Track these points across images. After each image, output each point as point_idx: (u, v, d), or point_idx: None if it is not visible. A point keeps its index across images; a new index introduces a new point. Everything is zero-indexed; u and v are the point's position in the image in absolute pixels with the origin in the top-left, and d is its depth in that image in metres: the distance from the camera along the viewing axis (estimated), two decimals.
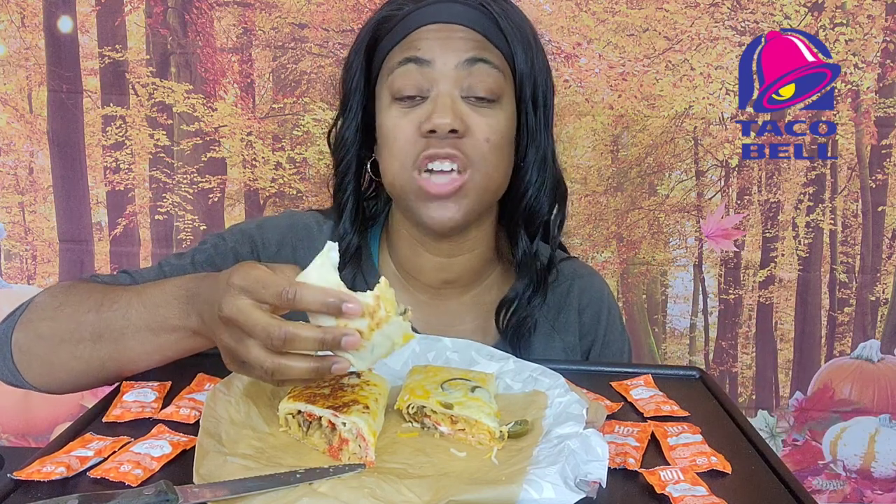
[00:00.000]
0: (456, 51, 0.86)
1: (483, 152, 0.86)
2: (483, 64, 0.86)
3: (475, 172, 0.86)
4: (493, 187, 0.90)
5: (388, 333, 0.63)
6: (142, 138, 1.85)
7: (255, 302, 0.62)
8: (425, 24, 0.87)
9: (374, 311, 0.62)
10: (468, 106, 0.86)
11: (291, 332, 0.60)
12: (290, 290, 0.60)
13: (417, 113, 0.86)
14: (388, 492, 0.58)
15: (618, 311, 1.09)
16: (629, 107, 1.81)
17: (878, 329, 1.89)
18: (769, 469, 0.67)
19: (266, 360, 0.61)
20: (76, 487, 0.60)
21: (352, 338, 0.60)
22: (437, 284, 0.98)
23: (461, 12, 0.87)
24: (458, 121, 0.84)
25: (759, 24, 1.76)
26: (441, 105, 0.84)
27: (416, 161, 0.86)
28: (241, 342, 0.62)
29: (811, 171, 1.84)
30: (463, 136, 0.85)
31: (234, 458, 0.62)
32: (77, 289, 0.85)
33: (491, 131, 0.86)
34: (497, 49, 0.88)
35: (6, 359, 0.84)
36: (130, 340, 0.77)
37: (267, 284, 0.61)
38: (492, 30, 0.88)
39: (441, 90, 0.85)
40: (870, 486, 1.91)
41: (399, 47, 0.88)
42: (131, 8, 1.81)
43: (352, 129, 0.94)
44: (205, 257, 0.96)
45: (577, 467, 0.60)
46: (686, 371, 0.92)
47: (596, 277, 1.09)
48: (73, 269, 1.88)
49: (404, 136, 0.86)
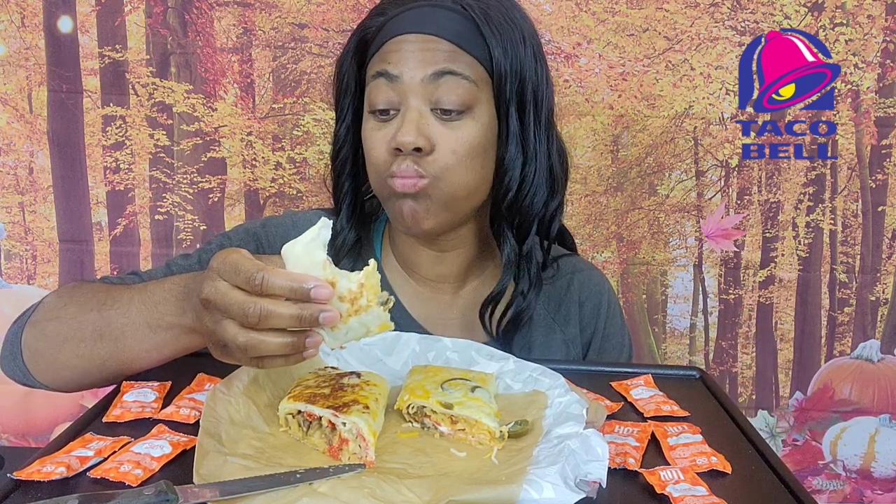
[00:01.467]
0: (423, 64, 0.85)
1: (448, 164, 0.86)
2: (451, 76, 0.85)
3: (439, 182, 0.86)
4: (462, 194, 0.89)
5: (365, 321, 0.63)
6: (142, 138, 1.85)
7: (232, 284, 0.62)
8: (399, 35, 0.87)
9: (356, 298, 0.61)
10: (436, 119, 0.86)
11: (267, 309, 0.60)
12: (258, 275, 0.60)
13: (387, 129, 0.87)
14: (388, 492, 0.58)
15: (618, 305, 1.09)
16: (629, 107, 1.82)
17: (878, 329, 1.89)
18: (769, 469, 0.67)
19: (239, 335, 0.61)
20: (76, 487, 0.60)
21: (330, 313, 0.60)
22: (434, 278, 1.00)
23: (437, 20, 0.86)
24: (421, 138, 0.84)
25: (759, 24, 1.76)
26: (406, 122, 0.85)
27: (385, 174, 0.88)
28: (217, 323, 0.62)
29: (811, 171, 1.84)
30: (429, 152, 0.85)
31: (234, 458, 0.62)
32: (83, 289, 0.86)
33: (458, 143, 0.86)
34: (471, 55, 0.86)
35: (17, 359, 0.85)
36: (130, 339, 0.77)
37: (238, 269, 0.61)
38: (467, 35, 0.86)
39: (409, 105, 0.86)
40: (870, 486, 1.91)
41: (376, 57, 0.89)
42: (131, 8, 1.81)
43: (343, 129, 0.95)
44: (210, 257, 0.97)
45: (577, 467, 0.60)
46: (686, 371, 0.92)
47: (595, 272, 1.09)
48: (73, 269, 1.88)
49: (378, 150, 0.88)
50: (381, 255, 1.03)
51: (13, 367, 0.86)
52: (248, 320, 0.60)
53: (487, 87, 0.88)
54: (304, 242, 0.62)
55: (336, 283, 0.61)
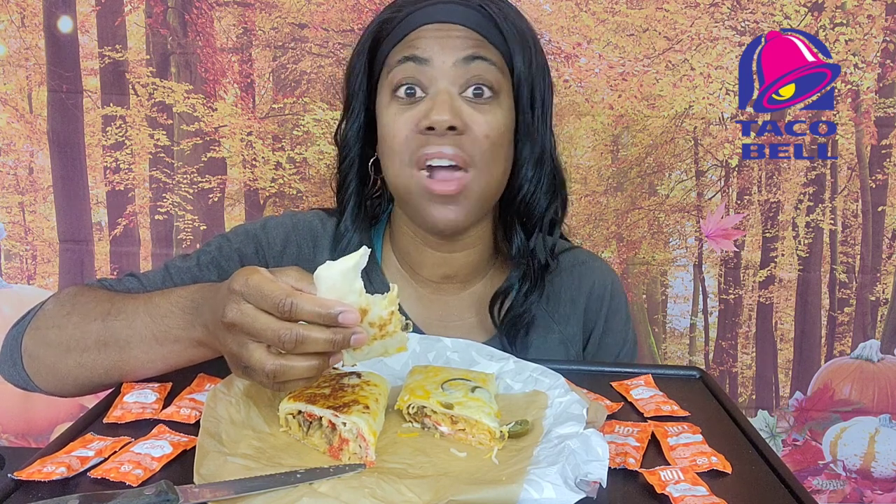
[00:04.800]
0: (454, 49, 0.86)
1: (483, 149, 0.86)
2: (481, 61, 0.86)
3: (476, 171, 0.86)
4: (494, 186, 0.90)
5: (387, 344, 0.64)
6: (142, 138, 1.85)
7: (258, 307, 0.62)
8: (424, 24, 0.88)
9: (385, 325, 0.63)
10: (466, 103, 0.86)
11: (303, 335, 0.60)
12: (287, 301, 0.60)
13: (416, 111, 0.86)
14: (388, 492, 0.58)
15: (624, 299, 1.08)
16: (629, 107, 1.82)
17: (878, 329, 1.89)
18: (769, 469, 0.67)
19: (268, 361, 0.61)
20: (77, 487, 0.60)
21: (361, 335, 0.61)
22: (438, 279, 0.99)
23: (460, 12, 0.88)
24: (456, 118, 0.84)
25: (759, 24, 1.76)
26: (440, 102, 0.84)
27: (413, 158, 0.86)
28: (243, 346, 0.62)
29: (811, 171, 1.84)
30: (462, 133, 0.85)
31: (234, 459, 0.62)
32: (85, 296, 0.85)
33: (490, 128, 0.86)
34: (495, 48, 0.89)
35: (17, 364, 0.85)
36: (135, 349, 0.78)
37: (264, 293, 0.61)
38: (490, 30, 0.88)
39: (439, 88, 0.86)
40: (870, 486, 1.91)
41: (399, 47, 0.89)
42: (131, 8, 1.81)
43: (354, 128, 0.95)
44: (209, 259, 0.97)
45: (577, 467, 0.60)
46: (686, 371, 0.92)
47: (599, 263, 1.09)
48: (73, 269, 1.88)
49: (403, 133, 0.87)
50: (381, 257, 1.02)
51: (13, 373, 0.86)
52: (284, 346, 0.60)
53: (508, 81, 0.90)
54: (342, 269, 0.62)
55: (369, 311, 0.62)
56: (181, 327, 0.75)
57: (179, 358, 0.77)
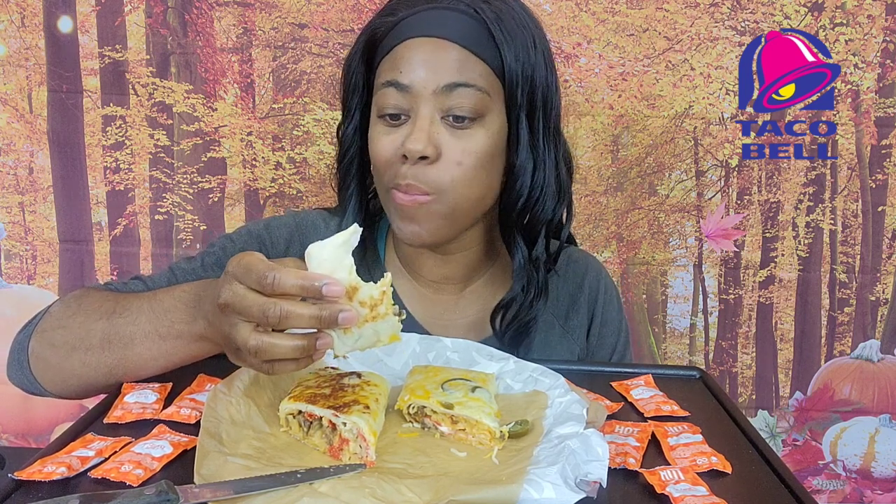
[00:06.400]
0: (436, 74, 0.84)
1: (452, 176, 0.85)
2: (463, 88, 0.84)
3: (441, 196, 0.86)
4: (467, 206, 0.89)
5: (379, 329, 0.63)
6: (142, 138, 1.85)
7: (247, 286, 0.62)
8: (410, 38, 0.86)
9: (376, 305, 0.62)
10: (446, 126, 0.85)
11: (286, 309, 0.60)
12: (270, 275, 0.60)
13: (398, 134, 0.86)
14: (388, 492, 0.59)
15: (615, 290, 1.10)
16: (629, 107, 1.82)
17: (878, 329, 1.89)
18: (769, 469, 0.67)
19: (251, 338, 0.61)
20: (77, 487, 0.60)
21: (349, 313, 0.60)
22: (437, 279, 1.00)
23: (448, 24, 0.86)
24: (429, 146, 0.83)
25: (759, 24, 1.76)
26: (417, 129, 0.84)
27: (392, 182, 0.88)
28: (234, 327, 0.62)
29: (811, 171, 1.84)
30: (434, 161, 0.85)
31: (234, 459, 0.62)
32: (90, 297, 0.85)
33: (464, 154, 0.85)
34: (483, 61, 0.86)
35: (23, 367, 0.85)
36: (139, 346, 0.78)
37: (251, 269, 0.61)
38: (479, 40, 0.86)
39: (420, 113, 0.85)
40: (870, 486, 1.91)
41: (386, 62, 0.88)
42: (131, 8, 1.81)
43: (351, 129, 0.95)
44: (214, 259, 0.97)
45: (577, 467, 0.60)
46: (686, 371, 0.92)
47: (590, 259, 1.10)
48: (73, 269, 1.88)
49: (384, 156, 0.87)
50: (384, 256, 1.03)
51: (20, 376, 0.86)
52: (269, 321, 0.60)
53: (499, 94, 0.88)
54: (333, 245, 0.61)
55: (359, 288, 0.61)
56: (184, 321, 0.75)
57: (181, 354, 0.77)
